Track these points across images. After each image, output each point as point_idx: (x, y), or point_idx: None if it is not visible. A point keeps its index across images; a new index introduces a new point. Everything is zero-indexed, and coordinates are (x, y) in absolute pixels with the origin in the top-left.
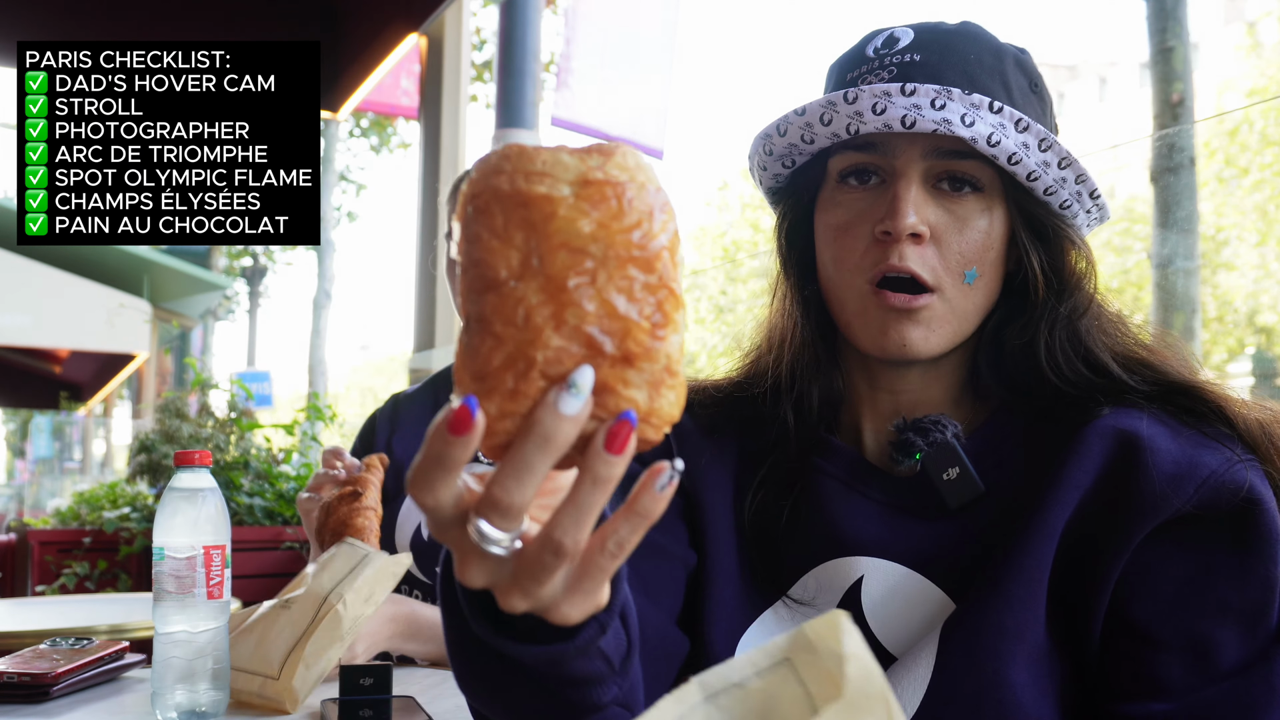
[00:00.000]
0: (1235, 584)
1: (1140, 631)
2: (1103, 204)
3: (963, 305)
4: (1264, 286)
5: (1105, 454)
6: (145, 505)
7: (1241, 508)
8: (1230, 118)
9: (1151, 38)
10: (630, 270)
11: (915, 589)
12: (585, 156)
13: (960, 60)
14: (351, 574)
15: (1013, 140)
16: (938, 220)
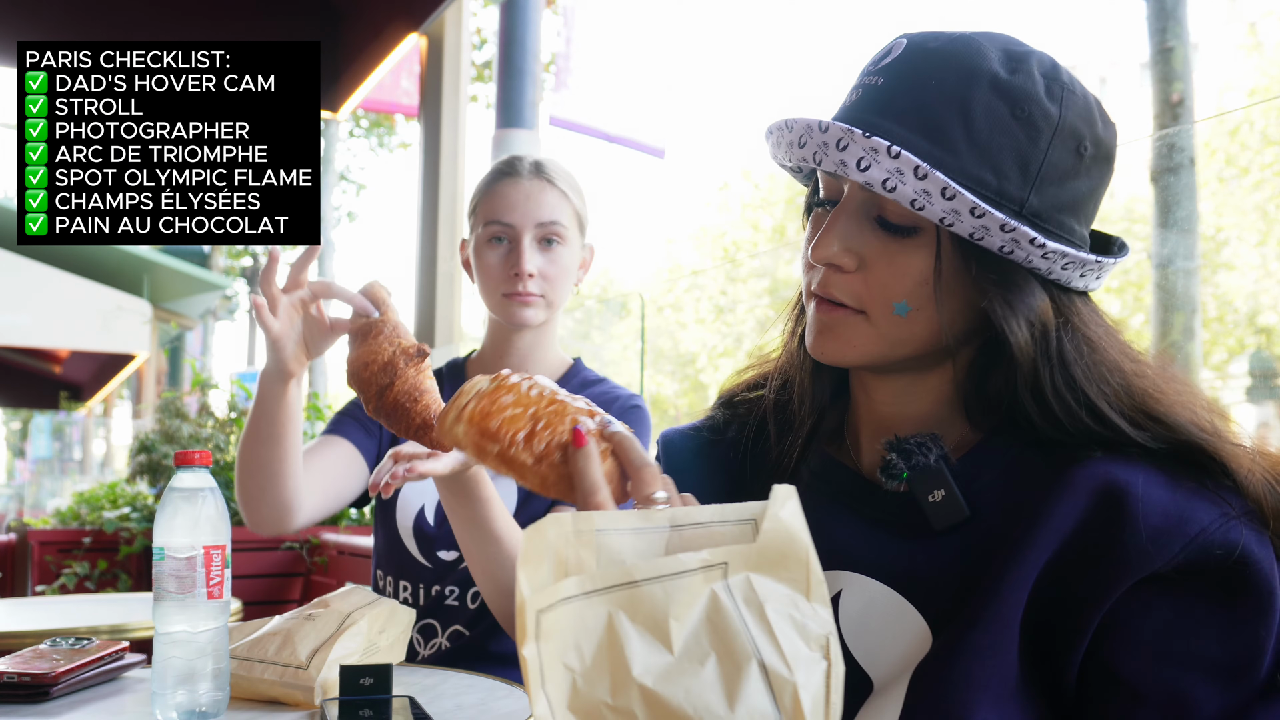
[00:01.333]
0: (1220, 640)
1: (1120, 680)
2: (1060, 250)
3: (894, 333)
4: (1264, 286)
5: (1091, 501)
6: (145, 505)
7: (1233, 566)
8: (1230, 118)
9: (1151, 38)
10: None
11: (892, 607)
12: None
13: (918, 87)
14: (371, 604)
15: (910, 187)
16: (869, 252)
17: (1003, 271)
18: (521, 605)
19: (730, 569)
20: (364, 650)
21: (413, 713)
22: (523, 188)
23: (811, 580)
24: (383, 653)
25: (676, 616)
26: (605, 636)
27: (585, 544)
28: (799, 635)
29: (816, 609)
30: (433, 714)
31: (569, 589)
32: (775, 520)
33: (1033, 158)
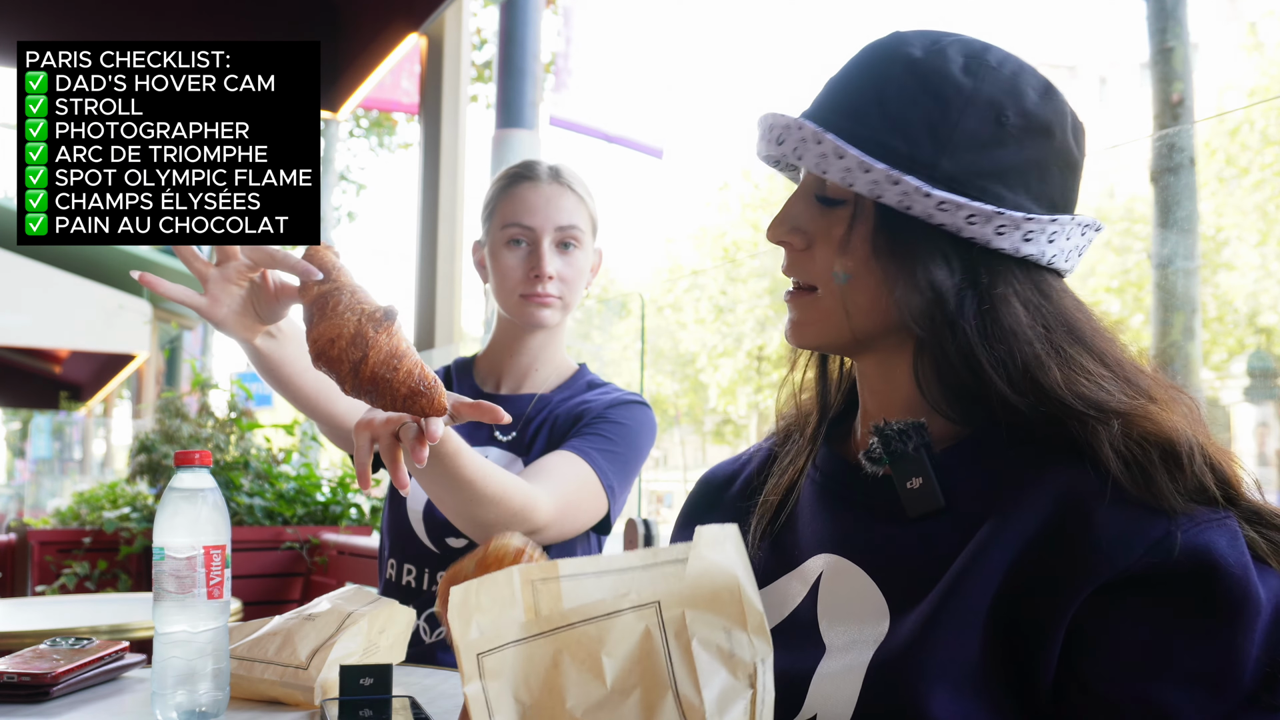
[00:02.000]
0: (1196, 651)
1: (1096, 693)
2: (954, 202)
3: (842, 304)
4: (1264, 286)
5: (1056, 504)
6: (145, 505)
7: (1200, 571)
8: (1230, 118)
9: (1151, 38)
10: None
11: (860, 588)
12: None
13: (850, 80)
14: (371, 604)
15: (813, 153)
16: (813, 229)
17: (906, 231)
18: (461, 649)
19: (664, 606)
20: (364, 650)
21: (413, 713)
22: (542, 191)
23: (747, 613)
24: (383, 653)
25: (609, 653)
26: (549, 674)
27: (551, 589)
28: (724, 666)
29: (752, 640)
30: (432, 714)
31: (515, 633)
32: (700, 560)
33: (943, 126)
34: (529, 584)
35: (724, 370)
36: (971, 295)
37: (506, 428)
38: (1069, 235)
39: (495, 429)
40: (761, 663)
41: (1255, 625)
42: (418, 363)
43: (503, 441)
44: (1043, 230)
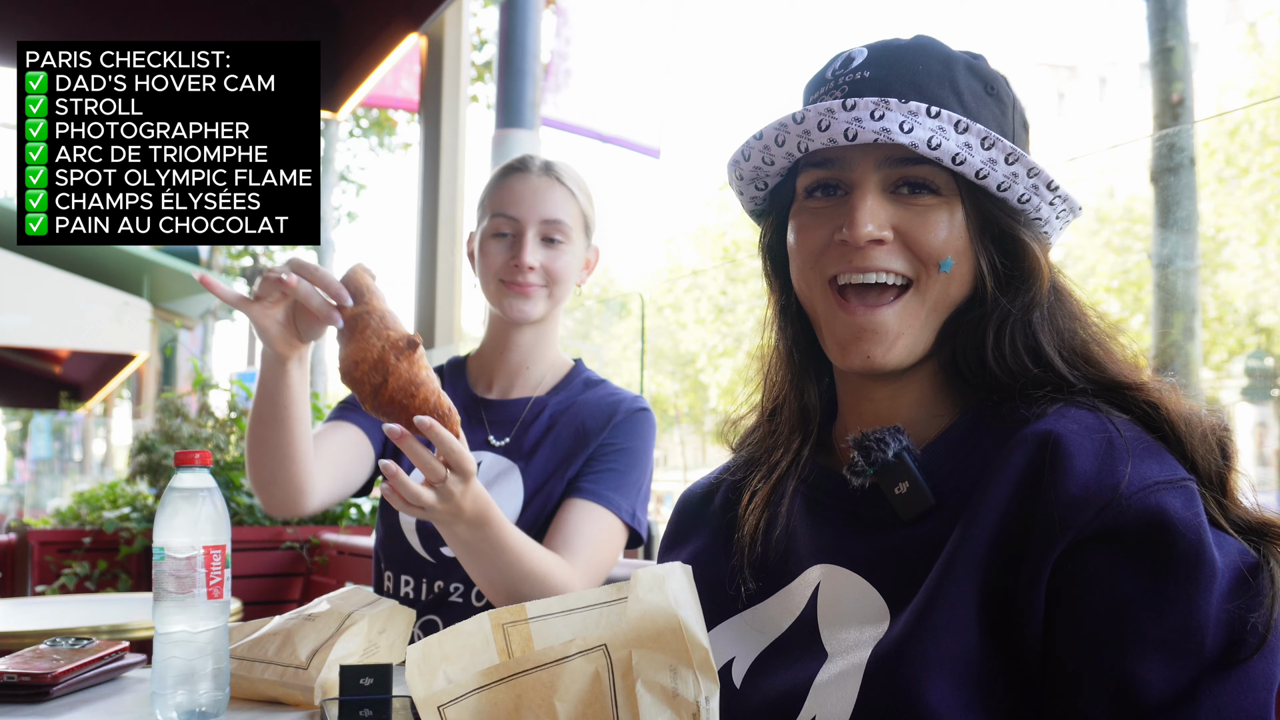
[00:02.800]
0: (1153, 615)
1: (1064, 668)
2: (1065, 195)
3: (937, 295)
4: (1264, 286)
5: (1022, 469)
6: (145, 505)
7: (1153, 533)
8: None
9: (1151, 38)
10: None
11: (858, 593)
12: None
13: (908, 72)
14: (371, 605)
15: (953, 141)
16: (900, 221)
17: (1002, 214)
18: (421, 702)
19: (611, 648)
20: (364, 650)
21: (413, 713)
22: (530, 183)
23: (690, 650)
24: (383, 653)
25: (560, 698)
26: (510, 718)
27: (521, 631)
28: (668, 706)
29: (698, 677)
30: None
31: (477, 680)
32: (639, 603)
33: (1006, 128)
34: (499, 628)
35: (724, 370)
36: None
37: (500, 432)
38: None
39: (489, 434)
40: (705, 700)
41: (1212, 588)
42: (435, 390)
43: (497, 447)
44: (1066, 221)
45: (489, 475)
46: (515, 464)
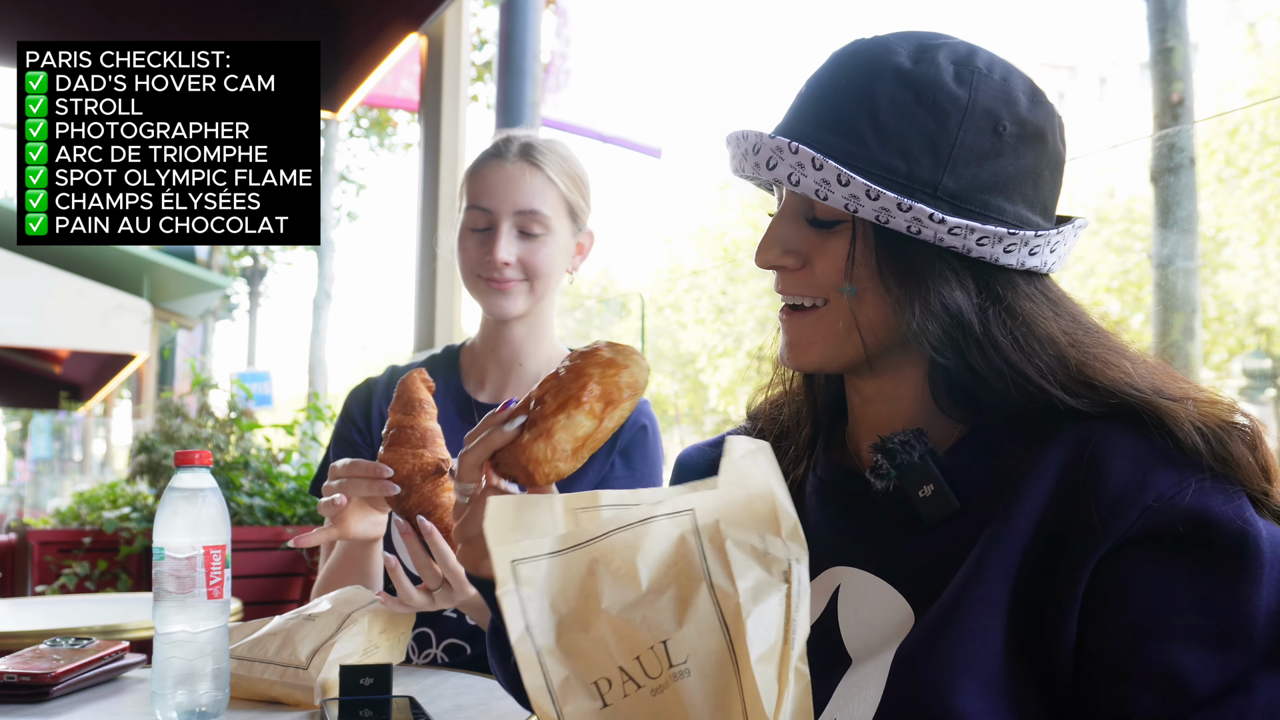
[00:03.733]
0: (1201, 608)
1: (1109, 665)
2: (967, 226)
3: (849, 316)
4: (1264, 286)
5: (1058, 478)
6: (145, 505)
7: (1197, 529)
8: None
9: (1151, 38)
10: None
11: (881, 596)
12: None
13: (831, 92)
14: (371, 604)
15: (811, 178)
16: (808, 247)
17: (912, 255)
18: (495, 554)
19: (699, 514)
20: (364, 650)
21: (413, 713)
22: (505, 171)
23: (781, 519)
24: (383, 653)
25: (643, 558)
26: (585, 582)
27: (592, 518)
28: (758, 563)
29: (786, 543)
30: (433, 714)
31: (550, 545)
32: (733, 468)
33: (943, 141)
34: (571, 512)
35: (724, 370)
36: (994, 311)
37: None
38: (1066, 242)
39: None
40: (796, 562)
41: (1260, 579)
42: (444, 517)
43: None
44: (1047, 242)
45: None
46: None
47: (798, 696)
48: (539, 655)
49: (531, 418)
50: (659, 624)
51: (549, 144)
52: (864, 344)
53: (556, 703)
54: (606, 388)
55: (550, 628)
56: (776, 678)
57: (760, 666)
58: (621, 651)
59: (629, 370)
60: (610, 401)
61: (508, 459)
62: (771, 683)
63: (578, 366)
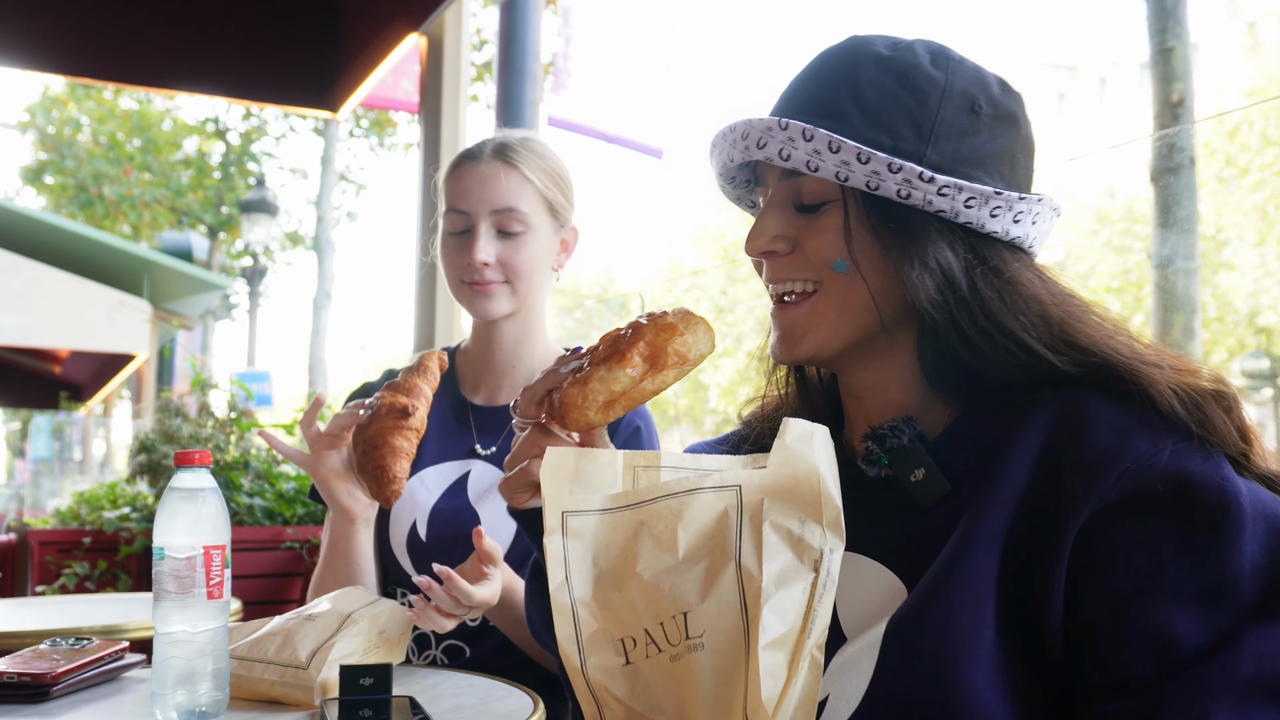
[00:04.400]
0: (1186, 567)
1: (1098, 630)
2: (955, 184)
3: (844, 295)
4: (1264, 286)
5: (1039, 447)
6: (145, 505)
7: (1176, 490)
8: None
9: (1151, 38)
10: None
11: (875, 575)
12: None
13: (815, 82)
14: (371, 604)
15: (802, 150)
16: (797, 232)
17: (904, 219)
18: (548, 502)
19: (745, 490)
20: (364, 650)
21: (413, 713)
22: (479, 172)
23: (824, 505)
24: (383, 653)
25: (685, 526)
26: (628, 543)
27: (652, 477)
28: (791, 549)
29: (825, 531)
30: (433, 714)
31: (601, 502)
32: (784, 449)
33: (924, 118)
34: (631, 469)
35: (724, 370)
36: (981, 270)
37: (487, 440)
38: (1045, 218)
39: (476, 441)
40: (830, 552)
41: (1242, 535)
42: (395, 456)
43: (484, 455)
44: (1029, 211)
45: (480, 487)
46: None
47: (807, 683)
48: (573, 606)
49: (582, 364)
50: (684, 595)
51: (524, 142)
52: (853, 327)
53: (583, 653)
54: (655, 350)
55: (589, 581)
56: (788, 663)
57: (768, 652)
58: (648, 615)
59: (683, 338)
60: (656, 365)
61: (553, 400)
62: (781, 668)
63: (639, 325)
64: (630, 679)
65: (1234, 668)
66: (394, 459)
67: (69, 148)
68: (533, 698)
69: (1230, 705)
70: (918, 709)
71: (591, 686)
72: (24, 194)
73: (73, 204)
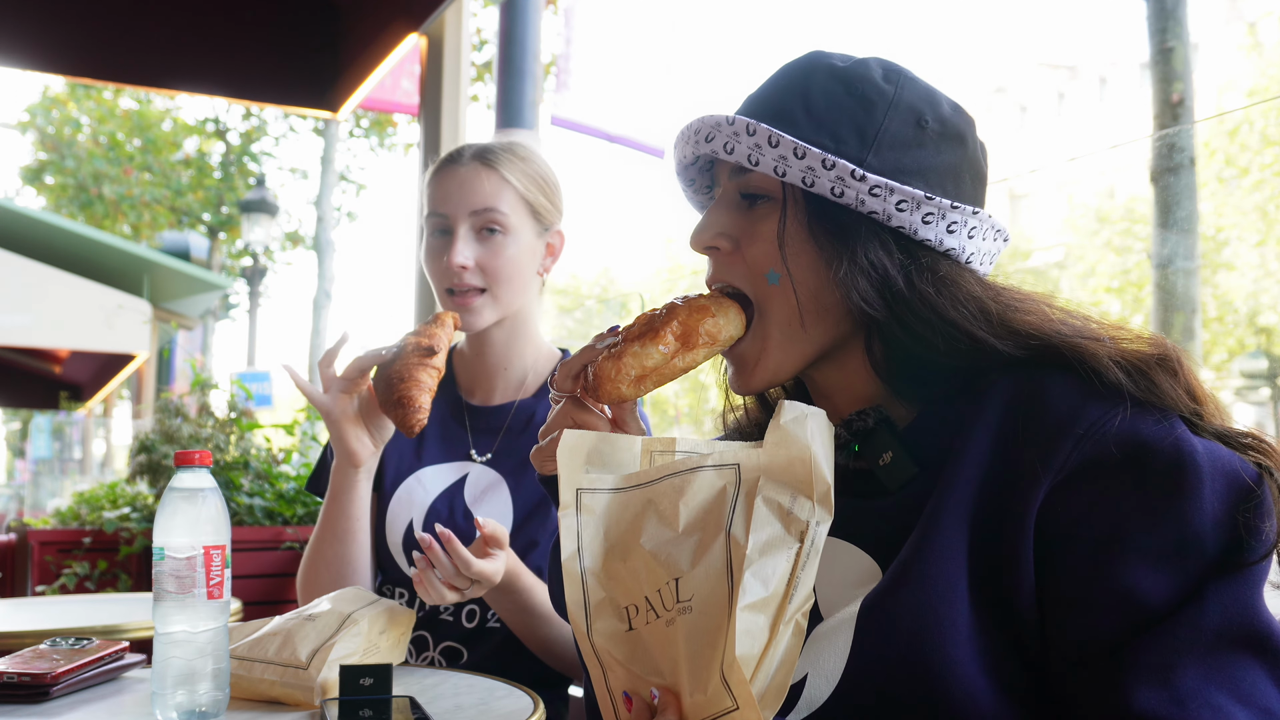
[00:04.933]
0: (1147, 527)
1: (1067, 597)
2: (887, 185)
3: (780, 312)
4: (1264, 286)
5: (998, 423)
6: (145, 505)
7: (1132, 453)
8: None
9: (1151, 38)
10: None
11: (847, 556)
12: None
13: (770, 89)
14: (371, 605)
15: (745, 144)
16: (737, 230)
17: (837, 219)
18: (564, 479)
19: (743, 469)
20: (364, 650)
21: (413, 713)
22: (459, 175)
23: (814, 482)
24: (383, 653)
25: (686, 502)
26: (635, 518)
27: (666, 460)
28: (779, 520)
29: (815, 506)
30: (433, 714)
31: (614, 482)
32: (778, 430)
33: (869, 125)
34: (648, 454)
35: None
36: (916, 269)
37: (483, 443)
38: (985, 235)
39: (472, 446)
40: (816, 524)
41: (1201, 491)
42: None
43: (480, 460)
44: (964, 223)
45: (477, 488)
46: (503, 477)
47: (789, 646)
48: (583, 575)
49: (618, 340)
50: (677, 563)
51: (506, 146)
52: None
53: (589, 618)
54: (688, 329)
55: (599, 553)
56: (769, 626)
57: (748, 613)
58: (648, 583)
59: (714, 320)
60: (687, 344)
61: (587, 374)
62: (762, 630)
63: (674, 304)
64: (631, 644)
65: (1199, 621)
66: (419, 391)
67: (69, 148)
68: (533, 698)
69: (1197, 658)
70: (899, 683)
71: (596, 650)
72: (24, 194)
73: (73, 204)
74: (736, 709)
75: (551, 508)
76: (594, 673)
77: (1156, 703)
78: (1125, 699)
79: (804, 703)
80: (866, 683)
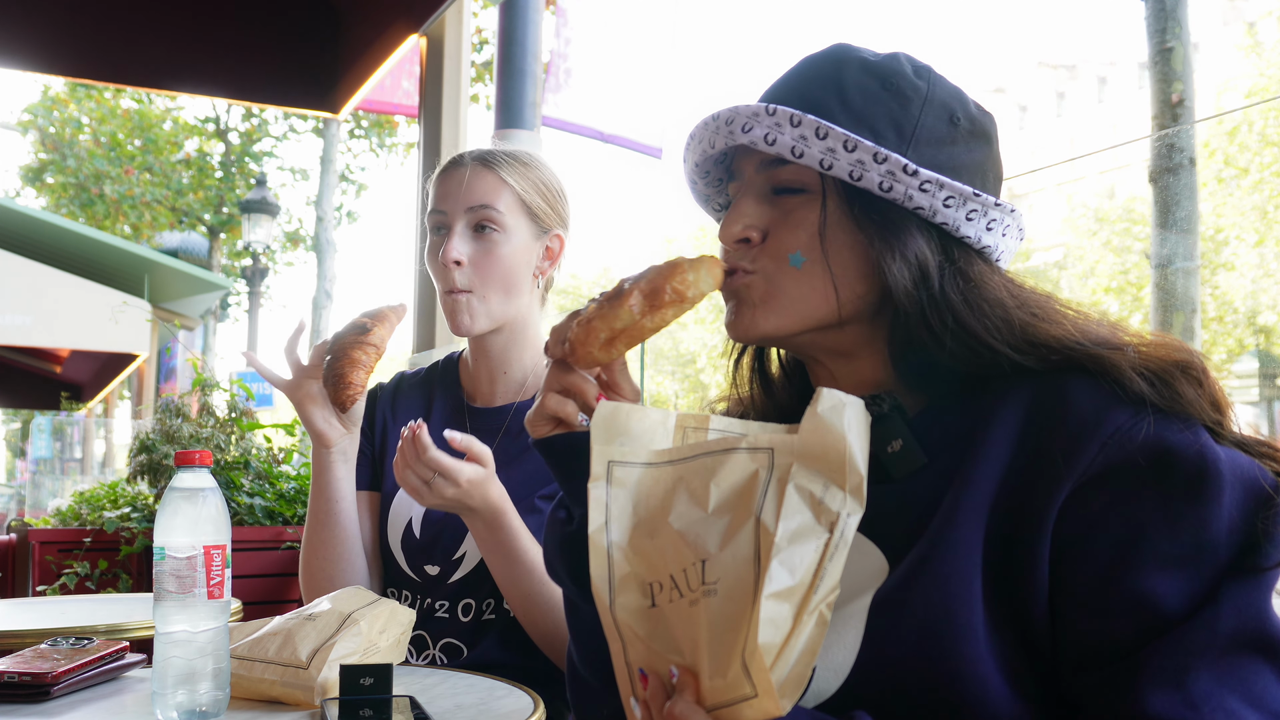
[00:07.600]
0: (1166, 533)
1: (1084, 600)
2: (936, 179)
3: (790, 286)
4: (1264, 286)
5: (1022, 422)
6: (145, 505)
7: (1156, 460)
8: (1230, 118)
9: (1151, 38)
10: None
11: (859, 549)
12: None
13: (800, 82)
14: (371, 605)
15: (789, 135)
16: (769, 221)
17: (884, 213)
18: (596, 451)
19: (776, 454)
20: (364, 650)
21: (413, 713)
22: (459, 175)
23: (848, 473)
24: (383, 653)
25: (717, 483)
26: (666, 495)
27: (700, 438)
28: (809, 509)
29: (847, 496)
30: (433, 714)
31: (646, 456)
32: (814, 418)
33: (906, 121)
34: (681, 429)
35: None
36: (950, 271)
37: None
38: (1013, 233)
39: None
40: (847, 516)
41: (1221, 499)
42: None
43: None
44: (1000, 221)
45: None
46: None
47: (811, 637)
48: (609, 548)
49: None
50: (705, 544)
51: (511, 152)
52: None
53: (612, 591)
54: (655, 287)
55: (627, 528)
56: (793, 616)
57: (772, 601)
58: (674, 561)
59: (684, 276)
60: (654, 303)
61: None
62: (785, 619)
63: (654, 265)
64: (653, 621)
65: (1214, 624)
66: (351, 369)
67: (69, 148)
68: (533, 698)
69: (1211, 662)
70: (911, 678)
71: (618, 624)
72: (24, 194)
73: (73, 204)
74: (755, 696)
75: (546, 507)
76: (614, 646)
77: (1170, 706)
78: (1139, 702)
79: (810, 694)
80: (878, 677)
